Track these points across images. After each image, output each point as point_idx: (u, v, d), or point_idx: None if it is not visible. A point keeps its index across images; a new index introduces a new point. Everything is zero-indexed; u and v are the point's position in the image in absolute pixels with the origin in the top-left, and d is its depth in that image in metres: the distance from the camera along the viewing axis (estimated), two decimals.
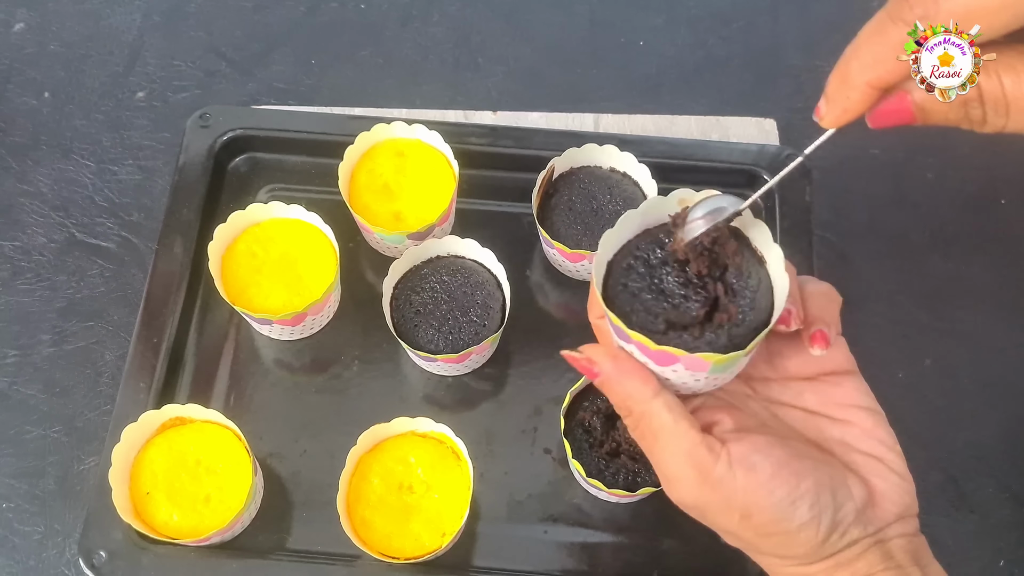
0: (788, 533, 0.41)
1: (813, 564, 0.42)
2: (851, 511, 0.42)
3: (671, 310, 0.42)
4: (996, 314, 0.70)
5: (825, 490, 0.42)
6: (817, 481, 0.42)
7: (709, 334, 0.41)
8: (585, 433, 0.61)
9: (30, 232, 0.72)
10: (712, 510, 0.42)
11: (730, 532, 0.43)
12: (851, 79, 0.35)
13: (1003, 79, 0.33)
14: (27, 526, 0.62)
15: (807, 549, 0.42)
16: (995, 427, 0.67)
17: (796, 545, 0.42)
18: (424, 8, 0.83)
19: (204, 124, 0.72)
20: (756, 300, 0.42)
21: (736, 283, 0.42)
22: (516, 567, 0.60)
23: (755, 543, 0.43)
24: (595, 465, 0.60)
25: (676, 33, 0.82)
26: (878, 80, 0.35)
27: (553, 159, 0.67)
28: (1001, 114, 0.33)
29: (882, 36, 0.34)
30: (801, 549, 0.42)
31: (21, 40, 0.80)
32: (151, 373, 0.63)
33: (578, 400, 0.62)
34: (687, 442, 0.42)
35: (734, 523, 0.42)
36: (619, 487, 0.59)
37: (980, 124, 0.34)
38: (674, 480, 0.42)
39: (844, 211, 0.73)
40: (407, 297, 0.64)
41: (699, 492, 0.42)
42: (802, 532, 0.41)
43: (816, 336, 0.43)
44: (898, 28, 0.33)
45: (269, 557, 0.59)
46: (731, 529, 0.42)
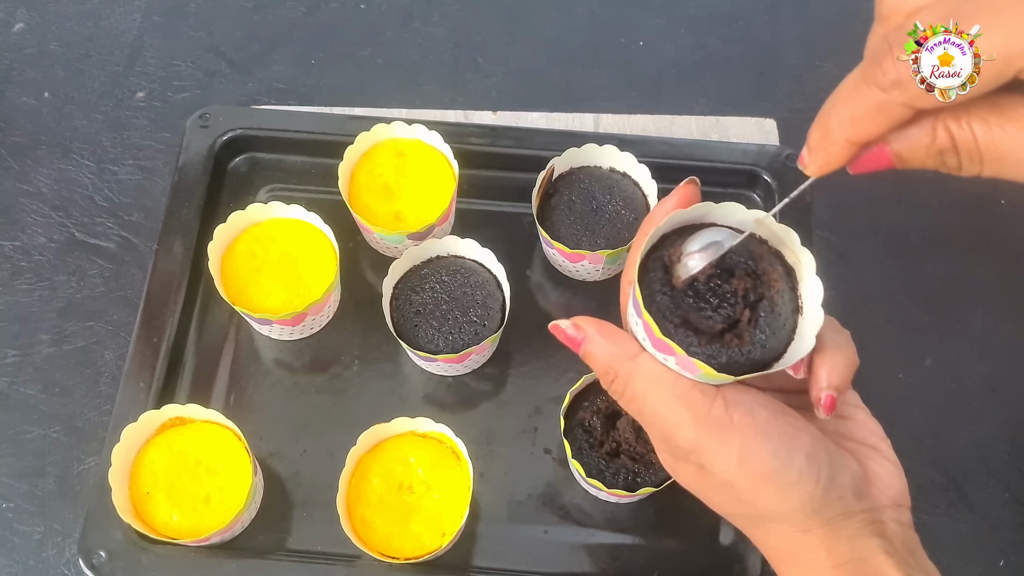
0: (786, 483, 0.41)
1: (810, 531, 0.42)
2: (848, 479, 0.42)
3: (692, 310, 0.42)
4: (996, 314, 0.70)
5: (821, 448, 0.42)
6: (813, 438, 0.42)
7: (714, 346, 0.41)
8: (585, 433, 0.61)
9: (30, 232, 0.72)
10: (709, 453, 0.41)
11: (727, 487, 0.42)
12: (831, 135, 0.37)
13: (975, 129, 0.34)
14: (27, 526, 0.62)
15: (803, 503, 0.41)
16: (995, 427, 0.67)
17: (793, 497, 0.41)
18: (424, 8, 0.83)
19: (204, 124, 0.72)
20: (772, 341, 0.42)
21: (763, 317, 0.42)
22: (516, 567, 0.60)
23: (751, 500, 0.42)
24: (595, 465, 0.60)
25: (676, 33, 0.82)
26: (856, 137, 0.36)
27: (553, 159, 0.67)
28: (975, 162, 0.35)
29: (858, 97, 0.35)
30: (798, 502, 0.41)
31: (21, 40, 0.80)
32: (151, 373, 0.63)
33: (578, 400, 0.62)
34: (680, 387, 0.41)
35: (731, 468, 0.41)
36: (619, 487, 0.59)
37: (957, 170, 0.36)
38: (669, 428, 0.42)
39: (844, 211, 0.73)
40: (407, 297, 0.64)
41: (696, 434, 0.41)
42: (800, 483, 0.41)
43: (826, 402, 0.42)
44: (871, 90, 0.34)
45: (269, 557, 0.59)
46: (728, 477, 0.41)
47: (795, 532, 0.42)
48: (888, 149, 0.36)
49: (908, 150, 0.35)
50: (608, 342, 0.43)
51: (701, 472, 0.43)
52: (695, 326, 0.42)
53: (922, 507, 0.45)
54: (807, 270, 0.43)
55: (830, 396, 0.42)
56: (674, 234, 0.44)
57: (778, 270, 0.43)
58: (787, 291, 0.43)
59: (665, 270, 0.43)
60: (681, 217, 0.43)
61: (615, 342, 0.43)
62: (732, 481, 0.42)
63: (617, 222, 0.67)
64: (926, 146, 0.35)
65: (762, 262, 0.43)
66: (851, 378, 0.44)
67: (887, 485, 0.44)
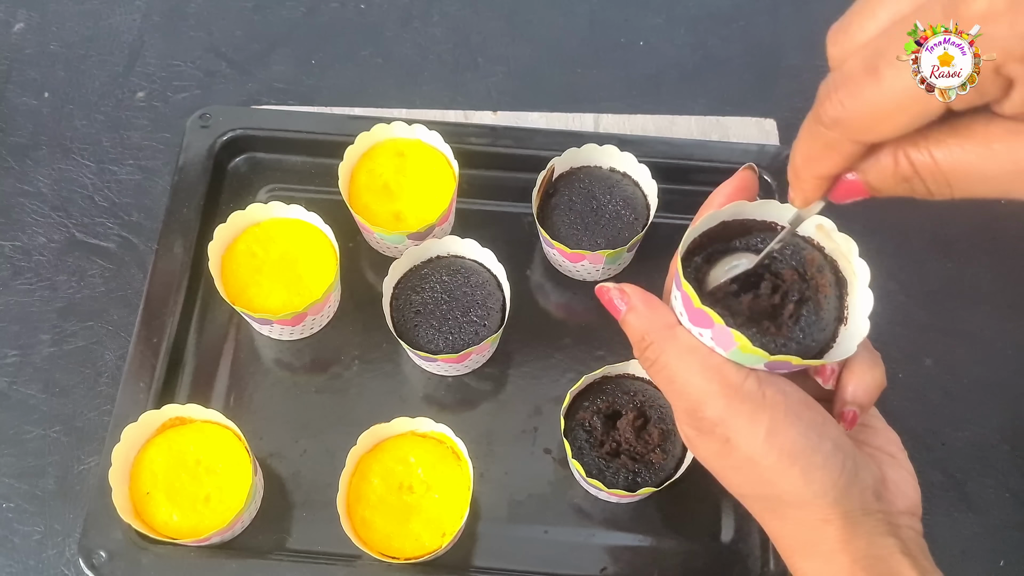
0: (811, 466, 0.41)
1: (829, 521, 0.42)
2: (869, 478, 0.43)
3: (732, 294, 0.43)
4: (996, 314, 0.70)
5: (847, 441, 0.43)
6: (840, 431, 0.43)
7: (751, 331, 0.42)
8: (585, 433, 0.61)
9: (30, 232, 0.72)
10: (737, 426, 0.42)
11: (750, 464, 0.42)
12: (801, 173, 0.38)
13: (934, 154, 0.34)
14: (27, 526, 0.62)
15: (825, 489, 0.41)
16: (995, 427, 0.67)
17: (815, 481, 0.41)
18: (424, 8, 0.83)
19: (204, 124, 0.72)
20: (808, 341, 0.43)
21: (804, 317, 0.43)
22: (516, 567, 0.60)
23: (773, 479, 0.42)
24: (595, 465, 0.60)
25: (676, 33, 0.82)
26: (819, 173, 0.37)
27: (553, 159, 0.67)
28: (943, 185, 0.35)
29: (810, 136, 0.36)
30: (819, 487, 0.41)
31: (21, 40, 0.80)
32: (151, 373, 0.63)
33: (578, 400, 0.62)
34: (713, 359, 0.42)
35: (758, 443, 0.41)
36: (619, 487, 0.59)
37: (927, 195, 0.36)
38: (698, 398, 0.42)
39: (844, 211, 0.72)
40: (407, 297, 0.64)
41: (725, 405, 0.42)
42: (825, 468, 0.41)
43: (848, 416, 0.44)
44: (819, 128, 0.35)
45: (269, 557, 0.59)
46: (753, 453, 0.42)
47: (813, 520, 0.42)
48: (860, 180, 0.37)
49: (877, 179, 0.36)
50: (649, 311, 0.44)
51: (725, 447, 0.43)
52: (731, 309, 0.43)
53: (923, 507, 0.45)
54: (860, 282, 0.44)
55: (853, 411, 0.44)
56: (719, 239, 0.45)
57: (828, 277, 0.44)
58: (834, 299, 0.44)
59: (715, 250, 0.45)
60: (741, 209, 0.45)
61: (654, 310, 0.44)
62: (756, 458, 0.42)
63: (617, 222, 0.67)
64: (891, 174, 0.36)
65: (812, 267, 0.44)
66: (876, 398, 0.45)
67: (903, 493, 0.44)
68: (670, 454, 0.60)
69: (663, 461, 0.59)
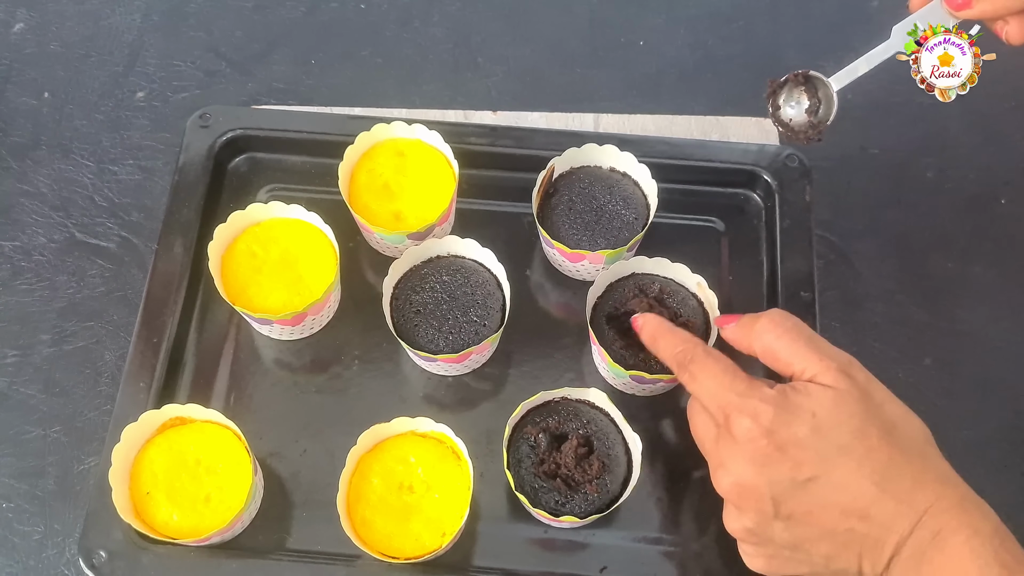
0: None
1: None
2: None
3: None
4: (996, 314, 0.70)
5: None
6: None
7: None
8: (528, 448, 0.60)
9: (30, 232, 0.72)
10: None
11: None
12: None
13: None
14: (27, 526, 0.62)
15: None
16: (995, 426, 0.67)
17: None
18: (424, 8, 0.83)
19: (204, 124, 0.72)
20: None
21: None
22: (516, 567, 0.60)
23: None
24: (528, 481, 0.59)
25: (676, 33, 0.82)
26: None
27: (553, 159, 0.67)
28: None
29: None
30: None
31: (21, 40, 0.80)
32: (151, 373, 0.63)
33: (530, 414, 0.61)
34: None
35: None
36: (543, 508, 0.58)
37: None
38: None
39: (844, 211, 0.73)
40: (407, 297, 0.64)
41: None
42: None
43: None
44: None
45: (269, 557, 0.59)
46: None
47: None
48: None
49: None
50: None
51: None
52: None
53: None
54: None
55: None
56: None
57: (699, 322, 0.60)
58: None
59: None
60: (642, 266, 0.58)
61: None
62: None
63: (617, 222, 0.67)
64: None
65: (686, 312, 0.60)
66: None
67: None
68: (605, 490, 0.59)
69: (596, 495, 0.58)
